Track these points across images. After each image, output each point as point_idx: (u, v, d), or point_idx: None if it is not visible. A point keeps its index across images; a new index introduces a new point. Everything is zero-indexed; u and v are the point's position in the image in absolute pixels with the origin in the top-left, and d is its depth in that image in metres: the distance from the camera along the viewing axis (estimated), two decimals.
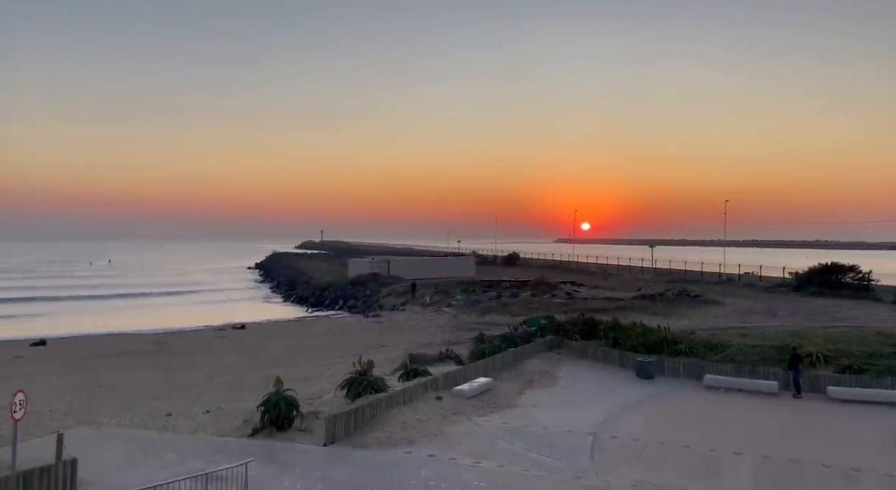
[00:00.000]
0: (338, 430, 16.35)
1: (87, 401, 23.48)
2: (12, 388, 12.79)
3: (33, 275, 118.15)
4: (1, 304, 68.73)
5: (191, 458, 14.74)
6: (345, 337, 41.40)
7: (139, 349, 37.24)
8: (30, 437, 15.85)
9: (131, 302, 76.06)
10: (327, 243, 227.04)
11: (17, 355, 35.32)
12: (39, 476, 12.07)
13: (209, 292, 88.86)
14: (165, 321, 56.04)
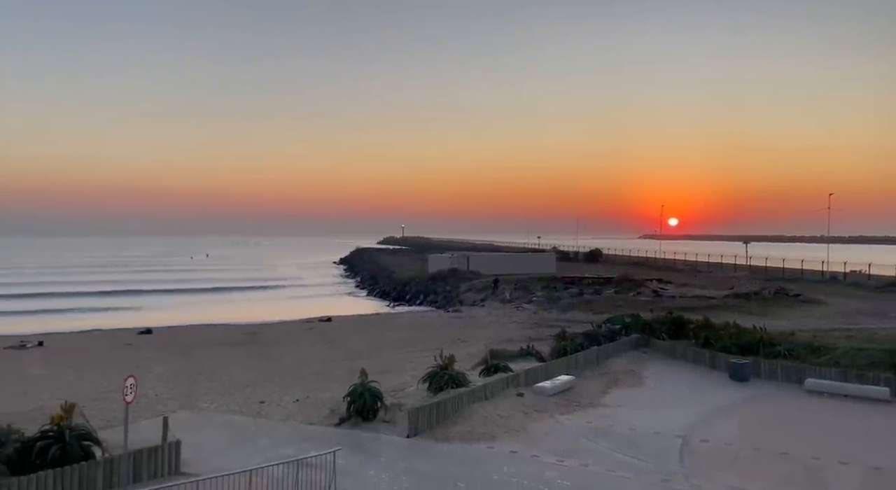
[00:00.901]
0: (420, 422, 16.58)
1: (189, 386, 25.05)
2: (124, 373, 13.83)
3: (141, 268, 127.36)
4: (113, 296, 74.49)
5: (282, 444, 15.40)
6: (425, 331, 41.96)
7: (234, 339, 39.32)
8: (139, 420, 17.06)
9: (227, 295, 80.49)
10: (408, 239, 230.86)
11: (128, 343, 38.21)
12: (148, 456, 12.99)
13: (298, 286, 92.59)
14: (257, 313, 58.90)
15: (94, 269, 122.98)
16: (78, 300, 69.12)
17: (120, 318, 56.04)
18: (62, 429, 12.85)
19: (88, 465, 12.13)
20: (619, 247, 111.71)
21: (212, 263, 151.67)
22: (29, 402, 22.19)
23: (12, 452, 12.33)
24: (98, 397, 22.26)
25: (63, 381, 26.60)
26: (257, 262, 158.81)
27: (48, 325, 49.17)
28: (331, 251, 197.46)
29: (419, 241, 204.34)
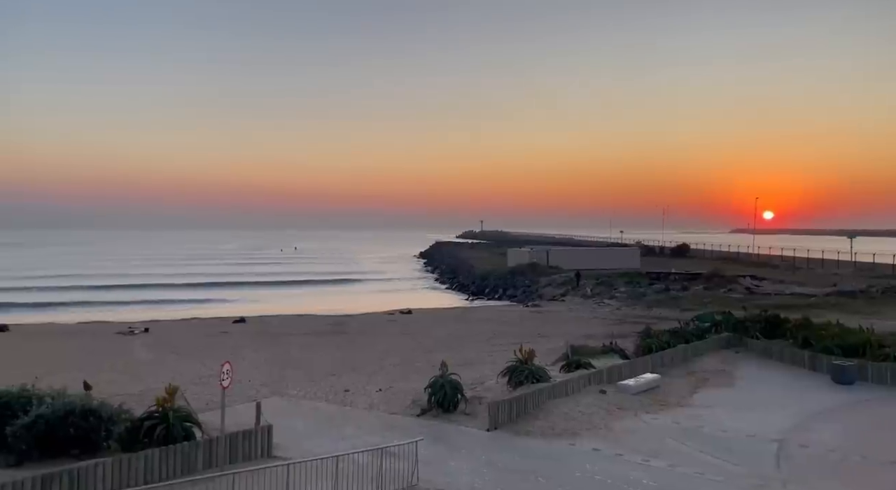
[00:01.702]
0: (500, 416, 16.57)
1: (279, 373, 26.20)
2: (220, 359, 14.66)
3: (235, 261, 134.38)
4: (210, 288, 79.03)
5: (367, 432, 15.84)
6: (504, 325, 41.82)
7: (320, 330, 40.74)
8: (233, 404, 18.02)
9: (313, 287, 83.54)
10: (486, 233, 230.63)
11: (223, 331, 40.41)
12: (243, 438, 13.72)
13: (379, 279, 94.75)
14: (342, 305, 60.76)
15: (194, 261, 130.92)
16: (179, 291, 73.88)
17: (216, 307, 59.47)
18: (166, 410, 13.79)
19: (190, 446, 12.95)
20: (708, 241, 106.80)
21: (300, 256, 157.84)
22: (137, 384, 23.93)
23: (123, 431, 13.37)
24: (197, 382, 23.69)
25: (166, 365, 28.49)
26: (342, 255, 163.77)
27: (153, 314, 52.91)
28: (411, 245, 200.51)
29: (498, 236, 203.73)
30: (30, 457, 12.42)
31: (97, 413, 12.96)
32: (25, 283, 77.28)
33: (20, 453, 12.42)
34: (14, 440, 12.39)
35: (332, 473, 11.49)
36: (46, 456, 12.49)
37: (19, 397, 13.25)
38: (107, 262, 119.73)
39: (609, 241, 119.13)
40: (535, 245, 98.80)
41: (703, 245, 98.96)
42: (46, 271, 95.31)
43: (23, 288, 71.93)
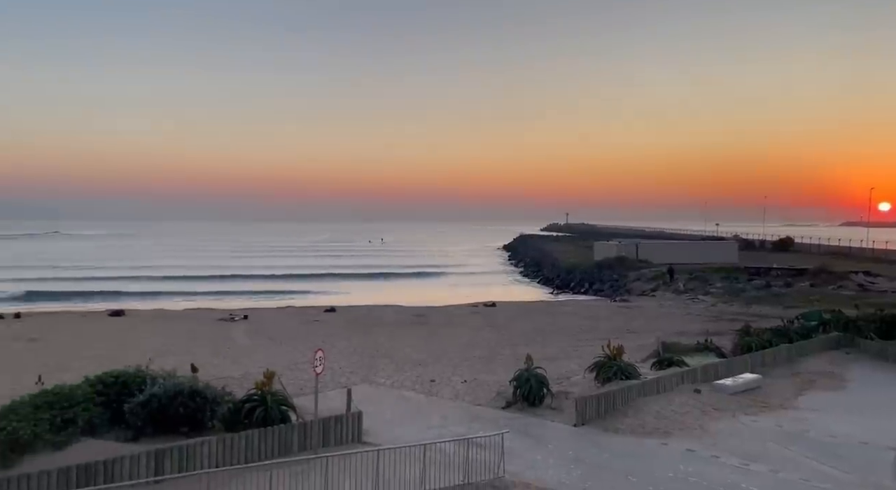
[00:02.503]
0: (588, 412, 16.25)
1: (368, 362, 26.96)
2: (313, 347, 15.27)
3: (327, 253, 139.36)
4: (302, 280, 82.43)
5: (452, 422, 16.00)
6: (591, 320, 40.94)
7: (406, 320, 41.54)
8: (325, 390, 18.72)
9: (400, 278, 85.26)
10: (572, 226, 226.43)
11: (315, 319, 42.08)
12: (335, 423, 14.23)
13: (464, 271, 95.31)
14: (427, 296, 61.64)
15: (288, 253, 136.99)
16: (274, 282, 77.60)
17: (308, 297, 62.02)
18: (265, 394, 14.52)
19: (286, 428, 13.58)
20: (814, 234, 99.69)
21: (387, 248, 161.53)
22: (237, 368, 25.37)
23: (226, 412, 14.21)
24: (292, 367, 24.79)
25: (263, 351, 30.02)
26: (427, 247, 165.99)
27: (251, 302, 55.87)
28: (495, 237, 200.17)
29: (583, 228, 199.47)
30: (144, 432, 13.46)
31: (203, 394, 13.85)
32: (138, 272, 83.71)
33: (136, 429, 13.48)
34: (131, 416, 13.46)
35: (419, 461, 11.68)
36: (159, 432, 13.49)
37: (135, 377, 14.38)
38: (208, 254, 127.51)
39: (703, 235, 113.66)
40: (623, 238, 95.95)
41: (809, 239, 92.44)
42: (157, 262, 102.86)
43: (135, 277, 77.96)
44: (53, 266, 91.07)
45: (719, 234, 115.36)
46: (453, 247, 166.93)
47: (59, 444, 12.20)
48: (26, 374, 23.08)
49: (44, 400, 12.98)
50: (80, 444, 12.36)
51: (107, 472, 11.21)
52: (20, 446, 11.85)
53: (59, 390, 13.40)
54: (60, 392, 13.31)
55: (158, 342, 31.70)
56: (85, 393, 13.44)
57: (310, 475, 11.24)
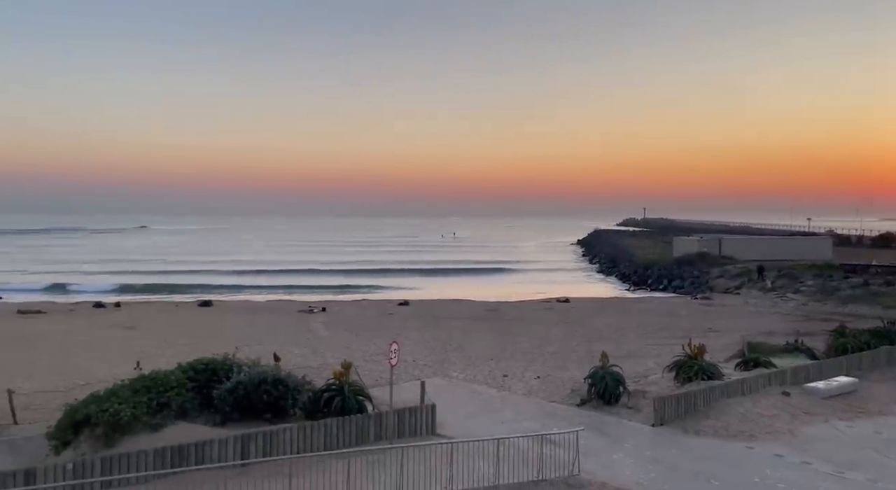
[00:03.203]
0: (667, 412, 15.73)
1: (441, 355, 27.25)
2: (387, 339, 15.57)
3: (401, 247, 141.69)
4: (376, 274, 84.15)
5: (525, 417, 15.90)
6: (670, 317, 39.61)
7: (478, 315, 41.64)
8: (399, 381, 19.02)
9: (472, 272, 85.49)
10: (650, 220, 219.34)
11: (390, 312, 42.92)
12: (409, 415, 14.45)
13: (537, 266, 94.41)
14: (499, 291, 61.51)
15: (366, 247, 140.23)
16: (350, 277, 79.67)
17: (383, 290, 63.28)
18: (342, 384, 14.93)
19: (363, 418, 13.92)
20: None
21: (459, 243, 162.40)
22: (316, 358, 26.27)
23: (307, 400, 14.71)
24: (368, 358, 25.42)
25: (340, 342, 30.92)
26: (499, 242, 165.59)
27: (329, 295, 57.59)
28: (569, 232, 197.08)
29: (662, 223, 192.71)
30: (231, 418, 14.15)
31: (285, 382, 14.40)
32: (224, 267, 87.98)
33: (224, 414, 14.19)
34: (219, 402, 14.18)
35: (493, 455, 11.69)
36: (244, 418, 14.14)
37: (223, 365, 15.12)
38: (288, 248, 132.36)
39: (793, 230, 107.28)
40: (704, 233, 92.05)
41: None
42: (241, 255, 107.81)
43: (222, 271, 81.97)
44: (146, 259, 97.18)
45: (811, 229, 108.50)
46: (525, 242, 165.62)
47: (156, 427, 13.02)
48: (125, 360, 24.80)
49: (141, 384, 13.88)
50: (173, 427, 13.14)
51: (198, 454, 11.88)
52: (121, 427, 12.74)
53: (155, 375, 14.29)
54: (156, 377, 14.19)
55: (243, 332, 33.25)
56: (178, 379, 14.26)
57: (386, 464, 11.48)
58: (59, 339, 31.31)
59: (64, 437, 13.14)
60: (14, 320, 38.21)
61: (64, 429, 13.23)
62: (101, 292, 57.31)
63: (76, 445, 12.86)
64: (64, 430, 13.22)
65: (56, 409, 15.59)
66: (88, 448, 12.60)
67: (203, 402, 14.29)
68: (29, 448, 13.52)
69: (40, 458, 12.71)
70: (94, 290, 59.53)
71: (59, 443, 13.09)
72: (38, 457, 12.80)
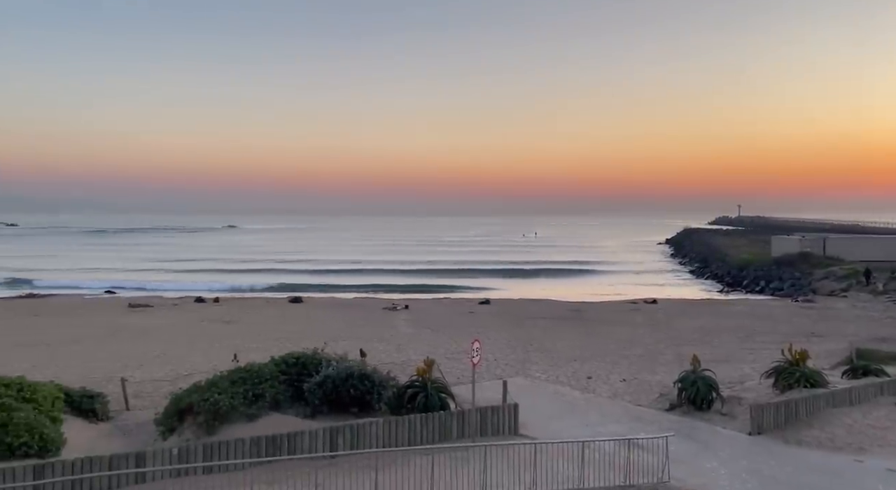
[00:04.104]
0: (765, 420, 14.88)
1: (522, 355, 27.07)
2: (468, 337, 15.63)
3: (479, 247, 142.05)
4: (456, 274, 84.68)
5: (611, 421, 15.51)
6: (767, 321, 37.42)
7: (560, 315, 41.01)
8: (481, 380, 19.04)
9: (554, 272, 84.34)
10: (744, 219, 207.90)
11: (470, 311, 43.09)
12: (492, 414, 14.45)
13: (621, 266, 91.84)
14: (582, 291, 60.31)
15: (448, 246, 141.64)
16: (433, 275, 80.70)
17: (464, 289, 63.62)
18: (425, 381, 15.13)
19: (446, 415, 14.06)
20: None
21: (540, 242, 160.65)
22: (399, 354, 26.78)
23: (391, 396, 15.03)
24: (449, 356, 25.62)
25: (422, 339, 31.36)
26: (582, 241, 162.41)
27: (412, 293, 58.55)
28: (656, 231, 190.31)
29: (758, 221, 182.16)
30: (321, 410, 14.67)
31: (371, 378, 14.78)
32: (313, 266, 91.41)
33: (314, 407, 14.74)
34: (309, 395, 14.74)
35: (577, 458, 11.48)
36: (333, 411, 14.63)
37: (312, 359, 15.70)
38: (371, 247, 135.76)
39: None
40: (806, 232, 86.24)
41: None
42: (327, 254, 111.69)
43: (311, 270, 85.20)
44: (240, 258, 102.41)
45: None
46: (609, 241, 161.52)
47: (251, 416, 13.73)
48: (223, 352, 26.29)
49: (238, 375, 14.66)
50: (267, 418, 13.80)
51: (290, 445, 12.42)
52: (220, 416, 13.52)
53: (251, 368, 15.06)
54: (251, 369, 14.95)
55: (331, 327, 34.42)
56: (271, 371, 14.96)
57: (469, 462, 11.53)
58: (164, 332, 33.63)
59: (170, 423, 14.11)
60: (126, 314, 41.40)
61: (170, 416, 14.21)
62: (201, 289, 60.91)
63: (181, 432, 13.77)
64: (170, 417, 14.20)
65: (163, 398, 16.78)
66: (192, 435, 13.46)
67: (294, 395, 14.90)
68: (139, 433, 14.62)
69: (149, 442, 13.71)
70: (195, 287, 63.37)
71: (166, 429, 14.07)
72: (148, 441, 13.82)
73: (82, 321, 37.51)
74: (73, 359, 26.08)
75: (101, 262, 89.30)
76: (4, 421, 11.72)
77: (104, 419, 15.53)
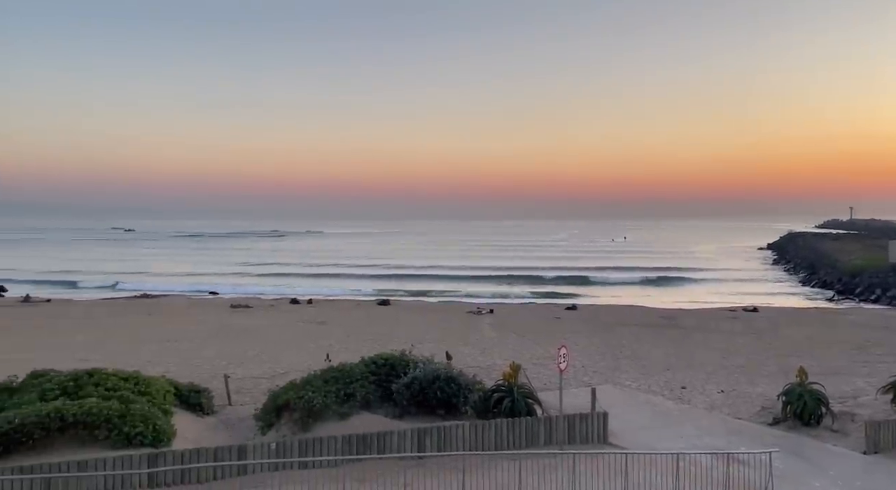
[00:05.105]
0: (882, 438, 13.69)
1: (611, 362, 26.33)
2: (554, 343, 15.40)
3: (565, 251, 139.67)
4: (541, 279, 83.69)
5: (707, 433, 14.80)
6: (885, 332, 34.41)
7: (652, 322, 39.55)
8: (568, 387, 18.73)
9: (645, 276, 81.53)
10: (857, 222, 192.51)
11: (556, 316, 42.42)
12: (580, 421, 14.18)
13: (717, 271, 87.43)
14: (675, 297, 57.91)
15: (535, 250, 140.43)
16: (517, 280, 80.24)
17: (551, 293, 62.77)
18: (511, 386, 15.08)
19: (533, 421, 13.94)
20: None
21: (629, 246, 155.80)
22: (484, 358, 26.79)
23: (477, 399, 15.08)
24: (535, 362, 25.32)
25: (507, 344, 31.19)
26: (674, 245, 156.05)
27: (497, 298, 58.46)
28: (755, 235, 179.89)
29: (873, 224, 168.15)
30: (409, 411, 14.95)
31: (457, 381, 14.90)
32: (399, 271, 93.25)
33: (402, 407, 15.04)
34: (397, 395, 15.06)
35: (672, 471, 11.03)
36: (420, 412, 14.87)
37: (400, 361, 16.05)
38: (456, 251, 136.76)
39: None
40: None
41: None
42: (412, 258, 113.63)
43: (397, 275, 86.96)
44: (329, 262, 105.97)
45: None
46: (704, 245, 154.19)
47: (343, 415, 14.20)
48: (316, 351, 27.33)
49: (331, 375, 15.22)
50: (358, 417, 14.22)
51: (379, 444, 12.73)
52: (314, 414, 14.08)
53: (342, 368, 15.59)
54: (343, 369, 15.47)
55: (417, 329, 34.96)
56: (361, 372, 15.42)
57: (557, 470, 11.36)
58: (263, 332, 35.40)
59: (268, 419, 14.84)
60: (228, 314, 43.93)
61: (268, 412, 14.95)
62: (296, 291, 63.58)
63: (278, 427, 14.46)
64: (268, 413, 14.94)
65: (261, 394, 17.69)
66: (288, 431, 14.10)
67: (383, 395, 15.27)
68: (241, 427, 15.47)
69: (250, 436, 14.48)
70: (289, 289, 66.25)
71: (265, 424, 14.81)
72: (248, 435, 14.60)
73: (189, 320, 40.17)
74: (182, 355, 27.98)
75: (202, 267, 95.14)
76: (123, 412, 12.76)
77: (209, 413, 16.55)
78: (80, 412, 12.34)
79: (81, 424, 12.31)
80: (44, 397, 13.37)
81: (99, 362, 18.25)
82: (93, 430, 12.37)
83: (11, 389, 14.48)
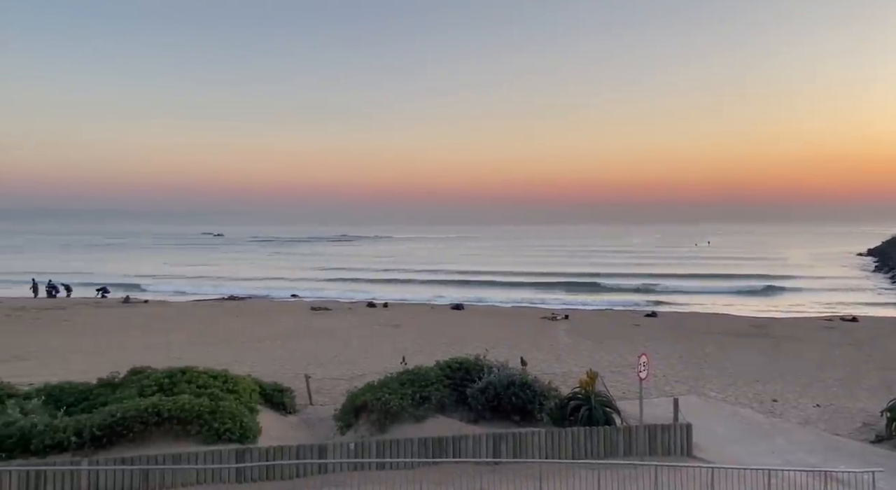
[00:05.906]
0: None
1: (695, 372, 25.26)
2: (633, 350, 14.94)
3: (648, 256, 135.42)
4: (618, 287, 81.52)
5: (801, 449, 13.92)
6: None
7: (740, 330, 37.68)
8: (648, 396, 18.12)
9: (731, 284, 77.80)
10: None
11: (635, 323, 41.16)
12: (661, 432, 13.67)
13: (811, 279, 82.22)
14: (765, 306, 54.93)
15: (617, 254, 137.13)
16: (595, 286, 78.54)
17: (629, 299, 60.99)
18: (588, 393, 14.75)
19: (611, 430, 13.57)
20: None
21: (713, 251, 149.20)
22: (560, 365, 26.35)
23: (553, 407, 14.85)
24: (613, 370, 24.69)
25: (582, 351, 30.55)
26: (761, 250, 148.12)
27: (572, 304, 57.40)
28: (852, 241, 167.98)
29: None
30: (483, 416, 14.92)
31: (532, 387, 14.73)
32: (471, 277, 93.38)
33: (476, 412, 15.03)
34: (472, 400, 15.06)
35: (763, 488, 10.45)
36: (495, 417, 14.80)
37: (475, 365, 16.05)
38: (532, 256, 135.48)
39: None
40: None
41: None
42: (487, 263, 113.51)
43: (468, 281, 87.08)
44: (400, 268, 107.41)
45: None
46: (794, 250, 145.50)
47: (419, 418, 14.34)
48: (393, 354, 27.77)
49: (407, 378, 15.42)
50: (433, 420, 14.33)
51: (454, 448, 12.76)
52: (391, 415, 14.29)
53: (418, 371, 15.76)
54: (418, 372, 15.63)
55: (490, 334, 34.86)
56: (436, 375, 15.52)
57: (637, 481, 11.01)
58: (341, 333, 36.37)
59: (347, 419, 15.20)
60: (309, 316, 45.42)
61: (347, 412, 15.32)
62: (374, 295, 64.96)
63: (356, 428, 14.78)
64: (347, 413, 15.31)
65: (340, 395, 18.14)
66: (366, 431, 14.39)
67: (458, 399, 15.32)
68: (321, 426, 15.94)
69: (329, 435, 14.88)
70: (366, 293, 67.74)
71: (344, 424, 15.18)
72: (328, 434, 15.01)
73: (273, 322, 41.82)
74: (266, 355, 29.17)
75: (281, 272, 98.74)
76: (213, 408, 13.42)
77: (292, 412, 17.14)
78: (175, 408, 13.09)
79: (175, 419, 13.04)
80: (142, 393, 14.28)
81: (191, 360, 19.31)
82: (186, 425, 13.08)
83: (114, 385, 15.56)
